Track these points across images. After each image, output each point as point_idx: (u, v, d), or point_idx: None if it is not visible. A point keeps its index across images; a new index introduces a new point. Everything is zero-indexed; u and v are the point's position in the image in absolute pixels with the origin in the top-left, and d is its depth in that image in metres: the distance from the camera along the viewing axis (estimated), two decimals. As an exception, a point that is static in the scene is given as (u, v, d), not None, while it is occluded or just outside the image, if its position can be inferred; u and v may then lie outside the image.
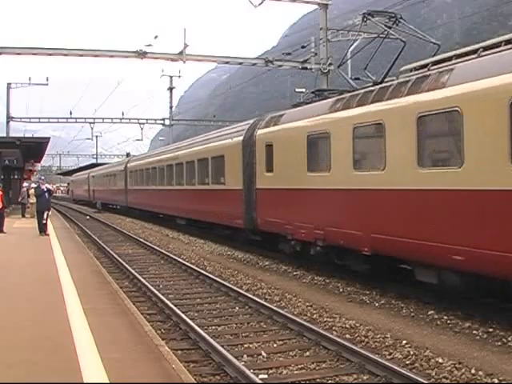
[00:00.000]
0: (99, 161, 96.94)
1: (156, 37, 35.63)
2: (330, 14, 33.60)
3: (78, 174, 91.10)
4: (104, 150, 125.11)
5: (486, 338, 10.13)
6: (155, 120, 66.22)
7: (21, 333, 8.80)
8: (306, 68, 34.26)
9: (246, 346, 10.14)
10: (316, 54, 33.65)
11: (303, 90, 48.73)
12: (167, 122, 64.15)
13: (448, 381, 8.07)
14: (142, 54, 33.36)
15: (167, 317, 12.14)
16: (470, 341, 10.05)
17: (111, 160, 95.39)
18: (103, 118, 66.54)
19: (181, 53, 34.17)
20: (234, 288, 14.75)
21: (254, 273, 17.84)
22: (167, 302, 12.93)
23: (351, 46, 20.24)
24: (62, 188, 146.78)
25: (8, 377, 6.69)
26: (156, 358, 7.64)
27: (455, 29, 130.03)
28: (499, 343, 9.81)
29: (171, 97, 64.61)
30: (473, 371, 8.28)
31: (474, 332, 10.49)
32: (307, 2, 35.04)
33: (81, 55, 34.35)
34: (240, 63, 38.59)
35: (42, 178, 30.46)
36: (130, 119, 66.13)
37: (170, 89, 64.04)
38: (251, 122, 21.95)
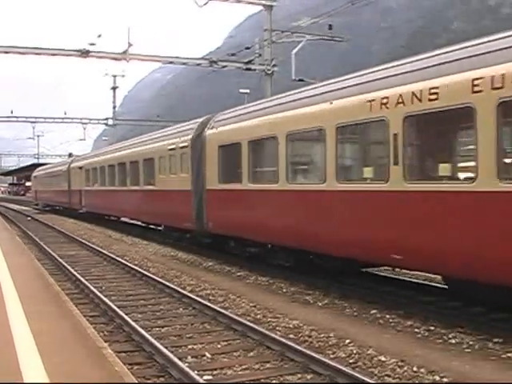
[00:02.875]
0: (41, 161, 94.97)
1: (99, 35, 35.19)
2: (277, 15, 33.82)
3: (48, 166, 64.50)
4: (46, 150, 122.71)
5: (428, 336, 10.30)
6: (98, 120, 65.39)
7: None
8: (250, 69, 34.35)
9: (190, 347, 10.07)
10: (260, 55, 33.77)
11: (247, 90, 48.96)
12: (110, 122, 63.46)
13: (391, 378, 8.17)
14: (84, 53, 32.92)
15: (110, 319, 11.96)
16: (412, 339, 10.20)
17: (53, 160, 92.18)
18: (45, 118, 65.40)
19: (125, 52, 33.86)
20: (178, 289, 14.63)
21: (197, 274, 17.74)
22: (110, 303, 12.75)
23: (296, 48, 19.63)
24: (2, 188, 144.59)
25: None
26: (99, 360, 7.52)
27: (400, 32, 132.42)
28: (440, 341, 9.98)
29: (114, 96, 64.28)
30: (415, 369, 8.40)
31: (416, 330, 10.65)
32: (251, 3, 35.15)
33: (22, 53, 33.66)
34: (184, 63, 38.46)
35: None
36: (72, 119, 65.19)
37: (113, 88, 63.48)
38: None
